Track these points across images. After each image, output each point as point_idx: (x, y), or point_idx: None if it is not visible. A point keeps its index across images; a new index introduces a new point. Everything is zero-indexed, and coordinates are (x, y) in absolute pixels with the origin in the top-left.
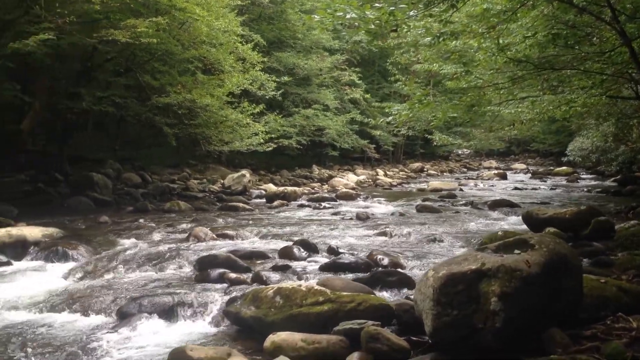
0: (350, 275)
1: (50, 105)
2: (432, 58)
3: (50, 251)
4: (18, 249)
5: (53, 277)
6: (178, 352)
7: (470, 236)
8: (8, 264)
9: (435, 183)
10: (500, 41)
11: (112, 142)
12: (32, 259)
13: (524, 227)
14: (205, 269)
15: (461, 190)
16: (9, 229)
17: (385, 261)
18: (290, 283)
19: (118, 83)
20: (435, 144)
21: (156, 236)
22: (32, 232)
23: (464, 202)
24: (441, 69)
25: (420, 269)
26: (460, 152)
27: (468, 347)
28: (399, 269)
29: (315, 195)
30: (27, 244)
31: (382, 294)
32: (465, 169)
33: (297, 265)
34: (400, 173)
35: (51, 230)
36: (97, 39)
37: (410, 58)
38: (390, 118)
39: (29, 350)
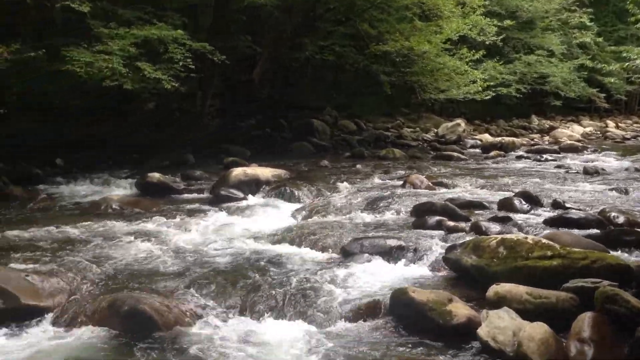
0: (579, 232)
1: (276, 56)
2: None
3: (278, 190)
4: (252, 187)
5: (281, 214)
6: (400, 292)
7: None
8: (244, 199)
9: None
10: None
11: (329, 90)
12: (263, 197)
13: None
14: (422, 215)
15: None
16: (245, 168)
17: (621, 219)
18: (514, 235)
19: (338, 32)
20: None
21: (373, 181)
22: (263, 172)
23: None
24: None
25: None
26: None
27: None
28: (638, 229)
29: (534, 147)
30: (259, 182)
31: (618, 253)
32: None
33: (518, 217)
34: (635, 125)
35: (279, 171)
36: None
37: None
38: (628, 64)
39: (266, 274)
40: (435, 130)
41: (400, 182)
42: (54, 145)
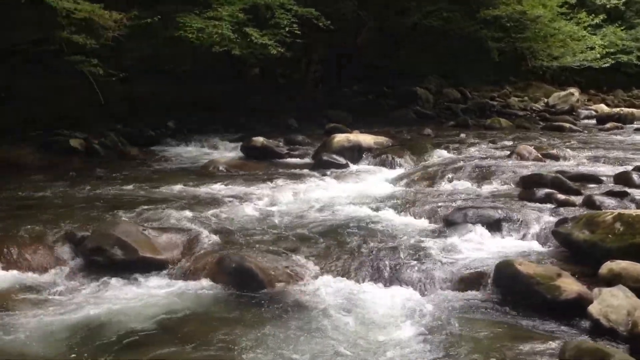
0: None
1: (381, 22)
2: None
3: (380, 158)
4: (354, 153)
5: (383, 181)
6: (505, 264)
7: None
8: (346, 165)
9: None
10: None
11: (433, 57)
12: (365, 163)
13: None
14: (530, 187)
15: None
16: (347, 135)
17: None
18: (633, 210)
19: None
20: None
21: (477, 151)
22: (366, 139)
23: None
24: None
25: None
26: None
27: None
28: None
29: None
30: (361, 149)
31: None
32: None
33: (636, 193)
34: None
35: (381, 138)
36: None
37: None
38: None
39: (366, 239)
40: (546, 99)
41: (507, 153)
42: (167, 109)
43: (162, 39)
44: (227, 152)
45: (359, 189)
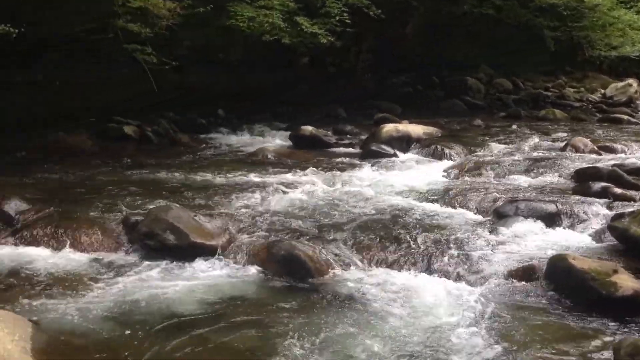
0: None
1: (431, 10)
2: None
3: (429, 148)
4: (403, 144)
5: (432, 172)
6: (559, 259)
7: None
8: (395, 155)
9: None
10: None
11: (485, 47)
12: (414, 154)
13: None
14: (584, 180)
15: None
16: (396, 125)
17: None
18: None
19: None
20: None
21: (530, 143)
22: (415, 129)
23: None
24: None
25: None
26: None
27: None
28: None
29: None
30: (410, 139)
31: None
32: None
33: None
34: None
35: (431, 129)
36: None
37: None
38: None
39: (414, 230)
40: (602, 90)
41: (561, 145)
42: (217, 97)
43: (213, 28)
44: (275, 141)
45: (408, 179)
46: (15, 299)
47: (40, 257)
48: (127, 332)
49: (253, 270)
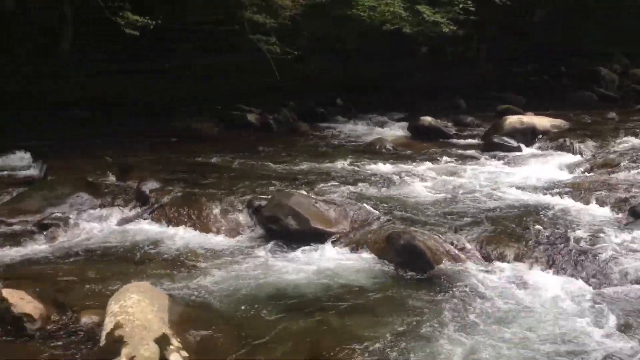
0: None
1: None
2: None
3: (557, 142)
4: (527, 136)
5: (559, 166)
6: None
7: None
8: (518, 149)
9: None
10: None
11: (618, 35)
12: (539, 147)
13: None
14: None
15: None
16: (520, 116)
17: None
18: None
19: None
20: None
21: None
22: (541, 121)
23: None
24: None
25: None
26: None
27: None
28: None
29: None
30: (535, 132)
31: None
32: None
33: None
34: None
35: (558, 121)
36: None
37: None
38: None
39: (538, 225)
40: None
41: None
42: (335, 86)
43: (333, 18)
44: (393, 131)
45: (532, 173)
46: (152, 273)
47: (172, 234)
48: (250, 309)
49: (370, 258)
